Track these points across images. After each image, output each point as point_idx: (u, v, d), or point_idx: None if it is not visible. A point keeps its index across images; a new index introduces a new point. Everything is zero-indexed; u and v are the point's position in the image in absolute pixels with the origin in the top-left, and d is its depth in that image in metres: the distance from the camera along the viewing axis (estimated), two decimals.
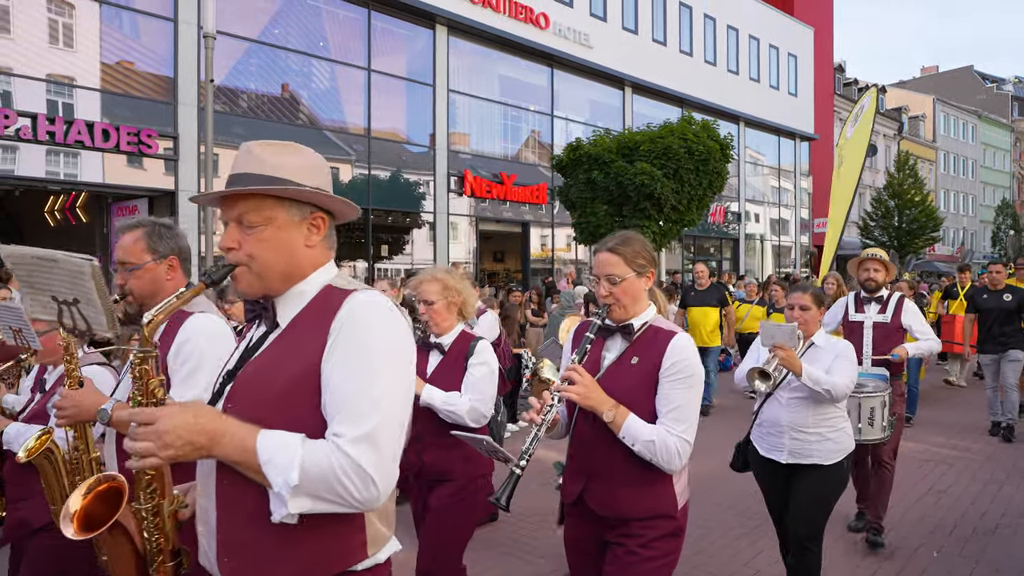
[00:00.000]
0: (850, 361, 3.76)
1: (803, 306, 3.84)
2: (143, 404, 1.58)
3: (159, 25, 14.20)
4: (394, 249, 18.81)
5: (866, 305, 5.46)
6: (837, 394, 3.62)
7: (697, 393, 2.42)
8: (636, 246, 2.52)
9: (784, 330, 3.62)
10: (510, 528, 5.52)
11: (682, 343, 2.43)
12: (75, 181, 13.18)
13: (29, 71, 12.53)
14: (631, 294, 2.48)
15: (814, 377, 3.59)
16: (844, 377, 3.67)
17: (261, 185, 1.60)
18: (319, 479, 1.42)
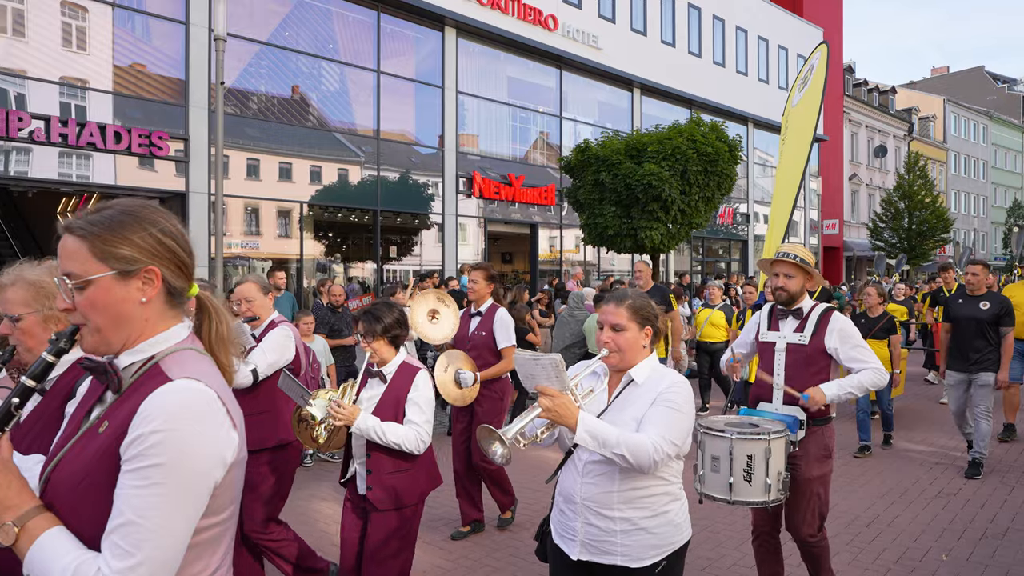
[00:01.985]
0: (676, 409, 2.49)
1: (616, 325, 2.61)
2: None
3: (170, 28, 14.30)
4: (403, 251, 18.86)
5: (781, 321, 4.02)
6: (639, 461, 2.37)
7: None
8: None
9: (544, 364, 2.39)
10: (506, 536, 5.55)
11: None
12: (87, 183, 13.30)
13: (43, 74, 12.65)
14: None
15: (599, 435, 2.35)
16: (655, 435, 2.41)
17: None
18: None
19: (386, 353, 3.44)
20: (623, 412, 2.57)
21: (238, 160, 15.10)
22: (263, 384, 3.98)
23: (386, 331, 3.41)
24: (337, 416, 3.22)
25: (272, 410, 4.03)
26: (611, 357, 2.62)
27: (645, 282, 8.12)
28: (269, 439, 4.01)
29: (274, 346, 4.02)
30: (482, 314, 5.39)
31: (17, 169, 12.30)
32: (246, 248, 15.64)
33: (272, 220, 16.18)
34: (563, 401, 2.37)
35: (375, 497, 3.34)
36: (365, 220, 17.78)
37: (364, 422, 3.24)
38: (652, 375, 2.62)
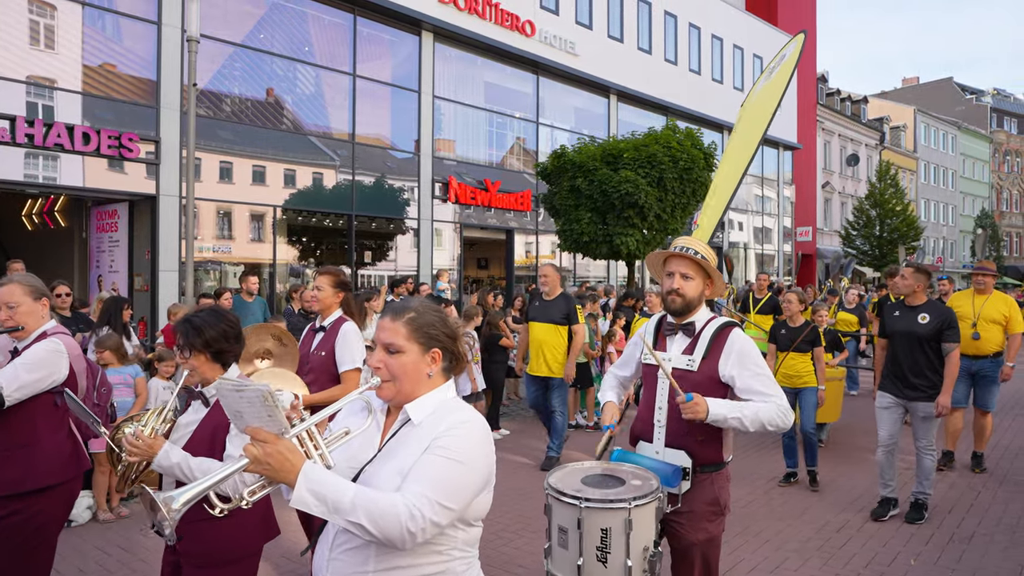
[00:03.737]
0: (451, 459, 1.80)
1: (390, 345, 1.95)
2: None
3: (142, 28, 14.08)
4: (378, 255, 18.74)
5: (669, 338, 3.19)
6: (386, 533, 1.69)
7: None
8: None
9: (250, 398, 1.74)
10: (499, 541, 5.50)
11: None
12: (54, 184, 13.01)
13: (8, 73, 12.37)
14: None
15: (327, 497, 1.69)
16: (415, 495, 1.73)
17: None
18: None
19: (208, 371, 2.75)
20: (388, 462, 1.86)
21: (211, 163, 14.90)
22: (15, 412, 3.19)
23: (208, 345, 2.72)
24: (132, 449, 2.57)
25: (31, 444, 3.25)
26: (383, 388, 1.93)
27: (552, 288, 7.16)
28: (23, 481, 3.20)
29: (35, 363, 3.21)
30: (326, 329, 4.31)
31: None
32: (218, 252, 15.40)
33: (245, 224, 15.97)
34: (278, 449, 1.68)
35: (185, 549, 2.66)
36: (340, 225, 17.63)
37: (167, 457, 2.56)
38: (436, 411, 1.92)
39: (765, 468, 7.39)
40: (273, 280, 16.08)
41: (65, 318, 6.29)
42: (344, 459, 1.94)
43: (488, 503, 1.93)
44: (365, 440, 1.98)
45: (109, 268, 14.91)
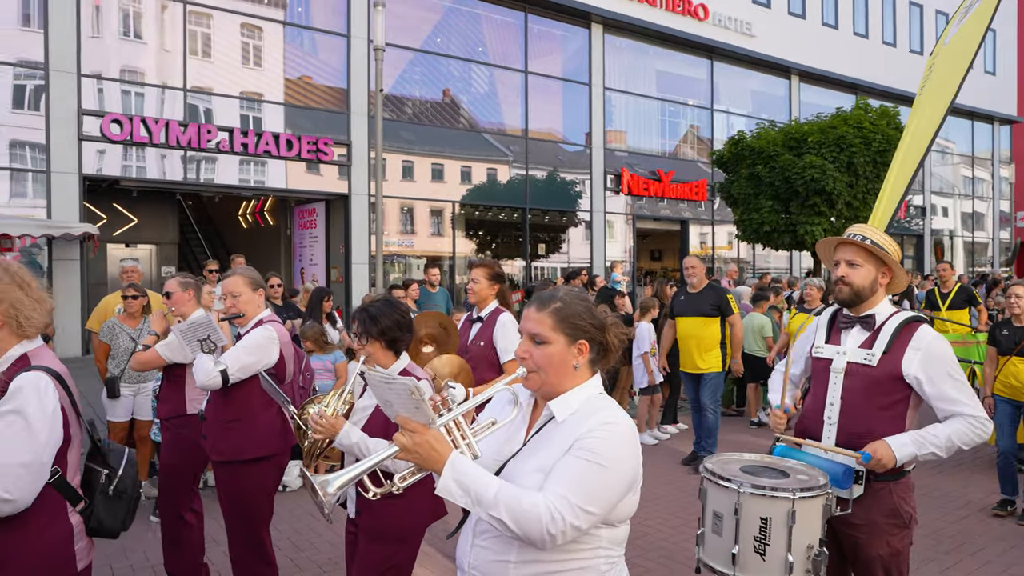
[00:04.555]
0: (594, 462, 1.73)
1: (535, 335, 1.89)
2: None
3: (334, 41, 15.24)
4: (551, 248, 19.00)
5: (844, 331, 2.93)
6: (526, 531, 1.69)
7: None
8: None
9: (397, 389, 1.80)
10: None
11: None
12: (263, 187, 14.49)
13: (226, 90, 13.92)
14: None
15: (471, 488, 1.71)
16: (556, 496, 1.70)
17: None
18: None
19: (383, 358, 2.89)
20: (530, 458, 1.83)
21: (394, 162, 15.84)
22: (236, 389, 3.56)
23: (383, 333, 2.85)
24: (316, 427, 2.75)
25: (246, 418, 3.60)
26: (529, 378, 1.89)
27: (699, 280, 6.81)
28: (242, 451, 3.56)
29: (252, 346, 3.55)
30: (483, 320, 4.43)
31: (206, 176, 13.61)
32: (402, 246, 16.39)
33: (426, 219, 16.84)
34: (427, 439, 1.72)
35: (362, 523, 2.82)
36: (514, 218, 18.08)
37: (347, 436, 2.72)
38: (580, 410, 1.84)
39: (961, 489, 6.59)
40: (453, 272, 16.82)
41: (277, 307, 6.95)
42: (490, 452, 1.92)
43: (634, 505, 1.85)
44: (510, 433, 1.95)
45: (310, 261, 16.37)
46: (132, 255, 16.43)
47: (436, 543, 4.72)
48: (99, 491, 2.28)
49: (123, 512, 2.35)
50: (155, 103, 13.22)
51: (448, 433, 1.81)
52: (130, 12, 13.10)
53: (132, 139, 12.64)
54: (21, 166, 12.03)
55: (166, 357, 4.07)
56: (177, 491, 4.07)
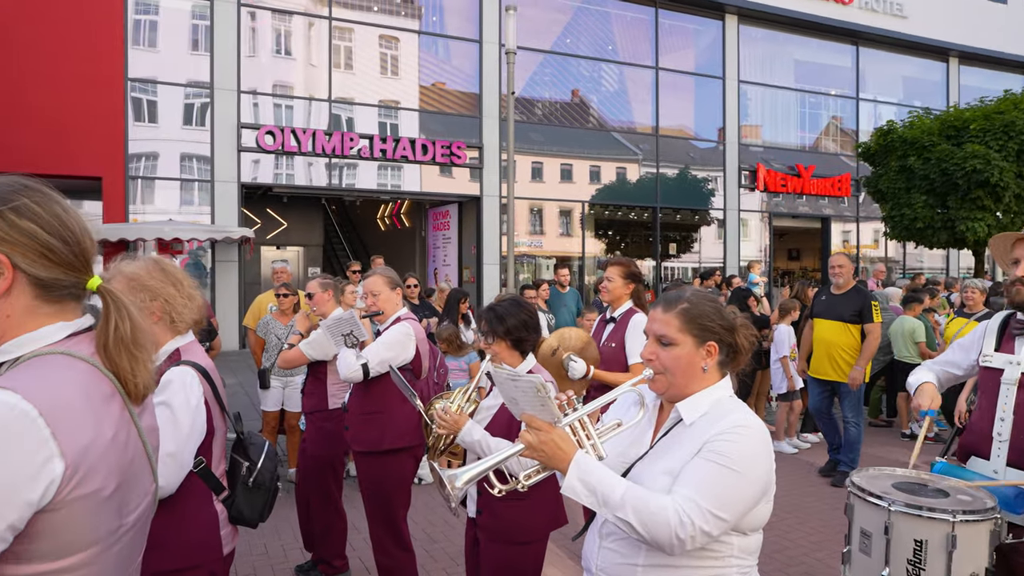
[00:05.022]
0: (724, 466, 1.69)
1: (662, 337, 1.86)
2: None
3: (466, 47, 15.67)
4: (682, 248, 18.57)
5: (1019, 338, 2.65)
6: (654, 535, 1.65)
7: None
8: None
9: (523, 387, 1.80)
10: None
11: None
12: (399, 190, 15.15)
13: (366, 99, 14.68)
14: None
15: (597, 488, 1.69)
16: (684, 499, 1.66)
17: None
18: None
19: (508, 358, 2.88)
20: (657, 461, 1.81)
21: (524, 164, 16.06)
22: (375, 382, 3.72)
23: (508, 333, 2.85)
24: (440, 423, 2.81)
25: (385, 411, 3.74)
26: (656, 381, 1.86)
27: (845, 280, 6.31)
28: (380, 441, 3.72)
29: (390, 342, 3.73)
30: (616, 320, 4.29)
31: (347, 181, 14.41)
32: (532, 247, 16.59)
33: (555, 219, 16.95)
34: (552, 438, 1.72)
35: (483, 523, 2.81)
36: (644, 217, 17.83)
37: (469, 433, 2.75)
38: (710, 412, 1.81)
39: None
40: (583, 272, 16.84)
41: (414, 306, 7.27)
42: (615, 453, 1.89)
43: (767, 513, 1.78)
44: (636, 435, 1.92)
45: (443, 262, 16.94)
46: (282, 257, 17.67)
47: (564, 544, 4.76)
48: (240, 482, 2.38)
49: (261, 503, 2.43)
50: (303, 114, 14.15)
51: (573, 433, 1.80)
52: (281, 31, 14.10)
53: (283, 149, 13.60)
54: (189, 176, 13.26)
55: (309, 355, 4.34)
56: (320, 480, 4.33)
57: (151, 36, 13.02)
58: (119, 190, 12.56)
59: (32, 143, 11.50)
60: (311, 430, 4.46)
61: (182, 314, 2.29)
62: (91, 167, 12.26)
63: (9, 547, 1.04)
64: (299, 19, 14.24)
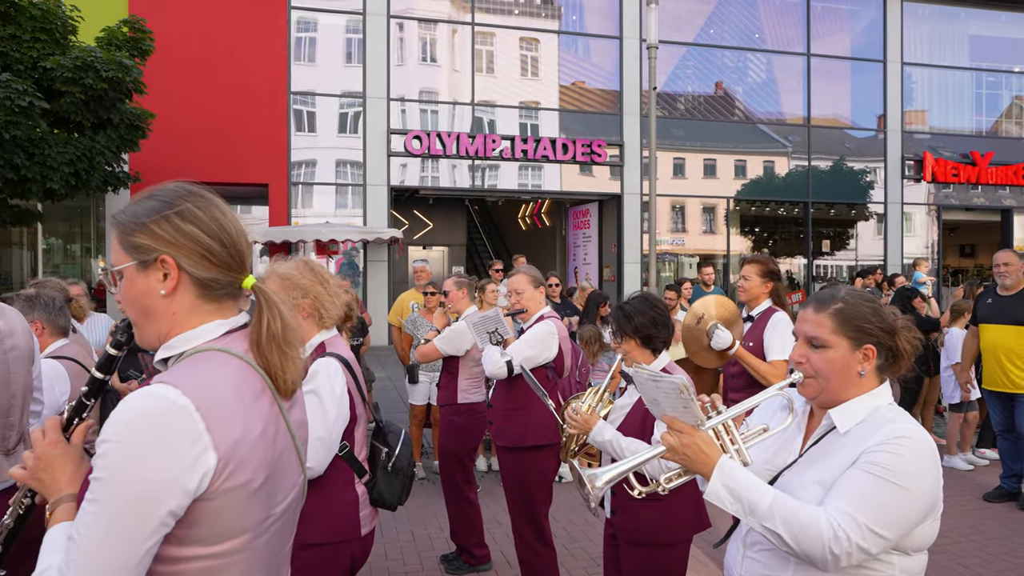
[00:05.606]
0: (886, 480, 1.57)
1: (813, 339, 1.76)
2: None
3: (606, 44, 15.56)
4: (837, 244, 17.45)
5: None
6: (805, 548, 1.56)
7: None
8: None
9: (665, 388, 1.74)
10: None
11: None
12: (540, 190, 15.31)
13: (508, 101, 14.96)
14: None
15: (742, 495, 1.62)
16: (839, 512, 1.56)
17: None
18: None
19: (639, 356, 2.82)
20: (808, 470, 1.71)
21: (665, 160, 15.73)
22: (520, 379, 3.71)
23: (637, 331, 2.80)
24: (571, 422, 2.79)
25: (528, 408, 3.75)
26: (806, 385, 1.75)
27: (1014, 281, 5.65)
28: (523, 437, 3.76)
29: (534, 340, 3.77)
30: (754, 319, 4.16)
31: (490, 182, 14.76)
32: (674, 245, 16.23)
33: (698, 216, 16.48)
34: (695, 441, 1.66)
35: (619, 524, 2.79)
36: (794, 213, 16.92)
37: (600, 433, 2.73)
38: (867, 421, 1.68)
39: None
40: (727, 271, 16.26)
41: (555, 304, 7.32)
42: (761, 460, 1.80)
43: (933, 533, 1.63)
44: (783, 442, 1.82)
45: (583, 261, 16.94)
46: (428, 256, 18.39)
47: (708, 550, 4.62)
48: (380, 466, 2.50)
49: (399, 487, 2.53)
50: (447, 118, 14.65)
51: (716, 437, 1.73)
52: (427, 39, 14.67)
53: (429, 152, 14.15)
54: (343, 181, 14.11)
55: (442, 350, 4.49)
56: (454, 471, 4.47)
57: (310, 52, 13.98)
58: (283, 195, 13.60)
59: (207, 154, 12.69)
60: (443, 423, 4.63)
61: (329, 310, 2.43)
62: (259, 175, 13.37)
63: (171, 531, 1.12)
64: (443, 27, 14.75)
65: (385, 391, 9.27)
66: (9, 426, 2.35)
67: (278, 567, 1.35)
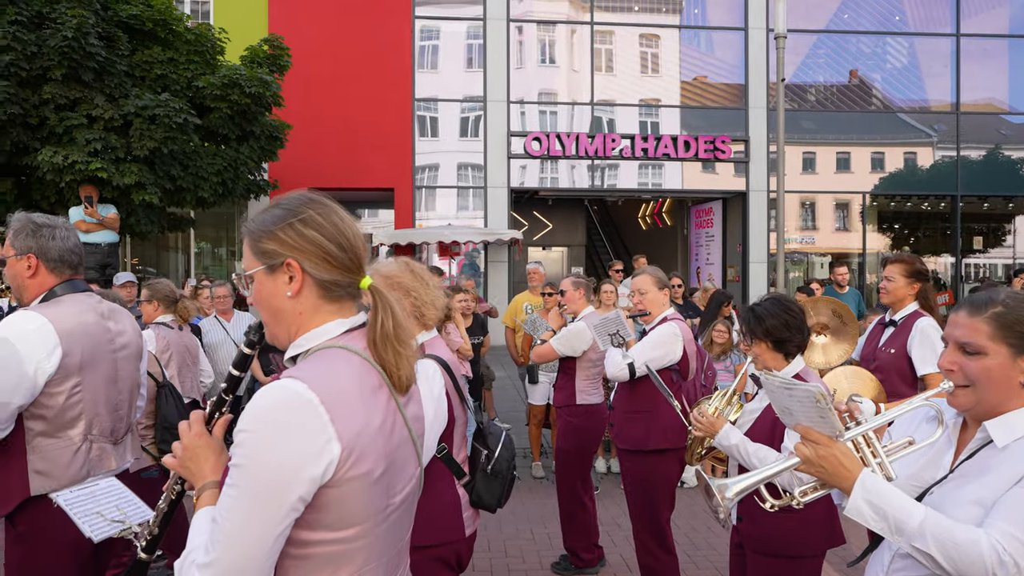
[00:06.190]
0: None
1: (966, 345, 1.61)
2: None
3: (731, 37, 15.04)
4: (990, 241, 16.02)
5: None
6: (961, 572, 1.43)
7: None
8: None
9: (799, 397, 1.64)
10: None
11: None
12: (660, 189, 15.02)
13: (626, 99, 14.79)
14: None
15: (888, 513, 1.51)
16: (1002, 535, 1.43)
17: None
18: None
19: (770, 360, 2.69)
20: (962, 488, 1.57)
21: (793, 155, 15.00)
22: (642, 382, 3.68)
23: (768, 333, 2.66)
24: (696, 425, 2.74)
25: (652, 411, 3.70)
26: (958, 395, 1.61)
27: None
28: (646, 441, 3.70)
29: (657, 342, 3.71)
30: (897, 324, 3.85)
31: (609, 182, 14.66)
32: (803, 243, 15.46)
33: (829, 213, 15.63)
34: (833, 453, 1.56)
35: (746, 532, 2.67)
36: (940, 208, 15.69)
37: (726, 437, 2.64)
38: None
39: None
40: (863, 270, 15.30)
41: (678, 306, 7.17)
42: (906, 475, 1.67)
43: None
44: (932, 456, 1.68)
45: (706, 261, 16.47)
46: (547, 257, 18.48)
47: (841, 568, 4.36)
48: (480, 468, 2.49)
49: (498, 490, 2.50)
50: (566, 119, 14.67)
51: (856, 449, 1.63)
52: (546, 41, 14.76)
53: (548, 153, 14.23)
54: (465, 184, 14.44)
55: (558, 351, 4.48)
56: (570, 473, 4.44)
57: (433, 59, 14.42)
58: (407, 199, 14.10)
59: (337, 161, 13.37)
60: (560, 424, 4.61)
61: (429, 311, 2.44)
62: (385, 180, 13.93)
63: (302, 516, 1.20)
64: (562, 27, 14.78)
65: (505, 390, 9.40)
66: (119, 418, 2.53)
67: (398, 555, 1.41)
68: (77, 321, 2.37)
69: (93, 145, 8.14)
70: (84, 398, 2.36)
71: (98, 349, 2.42)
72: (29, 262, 2.39)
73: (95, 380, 2.40)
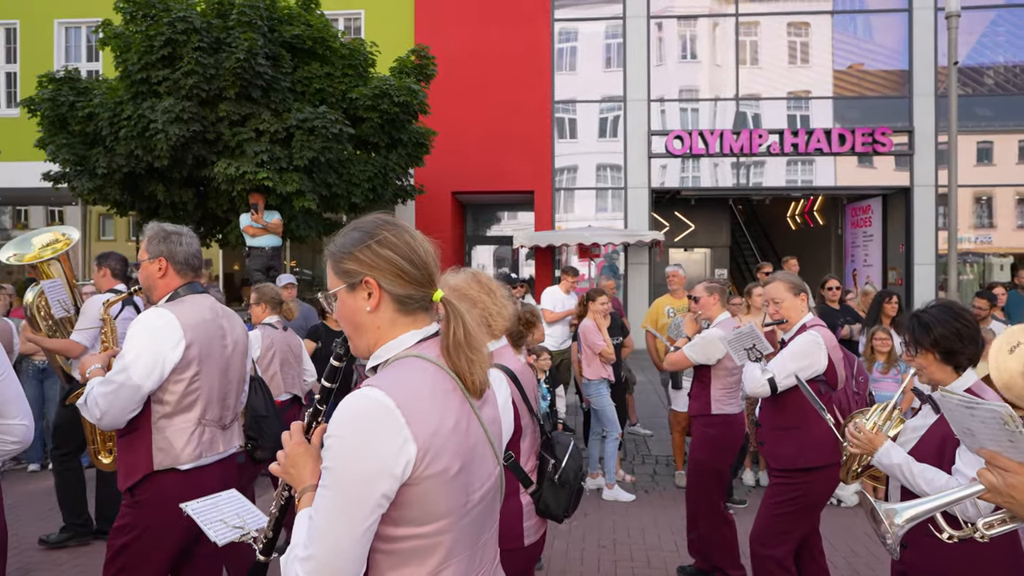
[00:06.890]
0: None
1: None
2: None
3: (890, 19, 13.97)
4: None
5: None
6: None
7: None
8: None
9: (983, 416, 1.47)
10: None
11: None
12: (811, 186, 14.17)
13: (773, 93, 14.08)
14: None
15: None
16: None
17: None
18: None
19: (937, 373, 2.43)
20: None
21: (966, 145, 13.66)
22: (787, 396, 3.50)
23: (936, 344, 2.39)
24: (853, 441, 2.55)
25: (801, 426, 3.47)
26: None
27: None
28: (796, 458, 3.47)
29: (798, 352, 3.48)
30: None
31: (755, 180, 14.03)
32: (978, 243, 14.04)
33: (1010, 209, 14.09)
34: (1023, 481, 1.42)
35: (910, 561, 2.38)
36: None
37: (887, 455, 2.42)
38: None
39: None
40: None
41: (834, 310, 6.72)
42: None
43: None
44: None
45: (863, 262, 15.35)
46: (690, 258, 17.96)
47: None
48: (547, 478, 2.51)
49: (565, 499, 2.52)
50: (709, 116, 14.20)
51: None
52: (687, 36, 14.36)
53: (691, 152, 13.84)
54: (603, 185, 14.34)
55: (691, 358, 4.33)
56: (709, 486, 4.26)
57: (571, 60, 14.43)
58: (547, 201, 14.20)
59: (479, 165, 13.70)
60: (696, 434, 4.45)
61: (496, 321, 2.50)
62: (525, 182, 14.11)
63: (387, 512, 1.32)
64: (704, 22, 14.32)
65: (646, 395, 9.23)
66: (226, 407, 2.79)
67: (482, 548, 1.49)
68: (198, 319, 2.68)
69: (260, 156, 8.82)
70: (201, 386, 2.65)
71: (213, 344, 2.71)
72: (160, 264, 2.71)
73: (210, 371, 2.69)
